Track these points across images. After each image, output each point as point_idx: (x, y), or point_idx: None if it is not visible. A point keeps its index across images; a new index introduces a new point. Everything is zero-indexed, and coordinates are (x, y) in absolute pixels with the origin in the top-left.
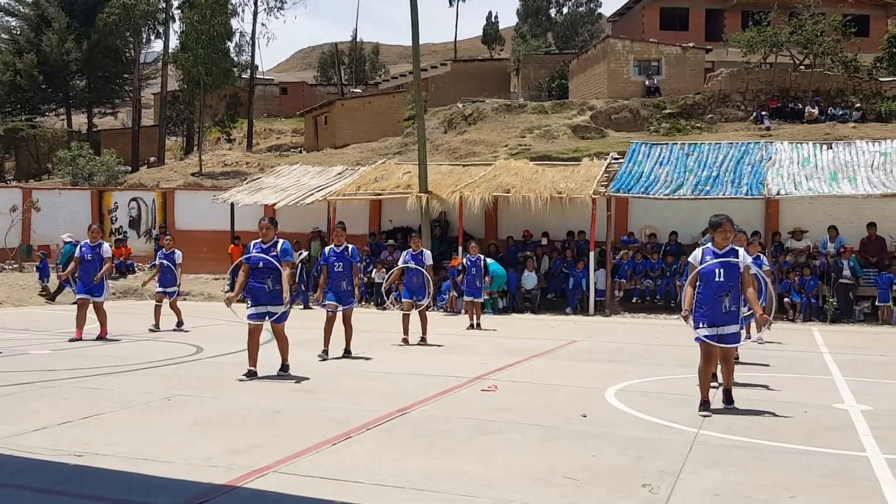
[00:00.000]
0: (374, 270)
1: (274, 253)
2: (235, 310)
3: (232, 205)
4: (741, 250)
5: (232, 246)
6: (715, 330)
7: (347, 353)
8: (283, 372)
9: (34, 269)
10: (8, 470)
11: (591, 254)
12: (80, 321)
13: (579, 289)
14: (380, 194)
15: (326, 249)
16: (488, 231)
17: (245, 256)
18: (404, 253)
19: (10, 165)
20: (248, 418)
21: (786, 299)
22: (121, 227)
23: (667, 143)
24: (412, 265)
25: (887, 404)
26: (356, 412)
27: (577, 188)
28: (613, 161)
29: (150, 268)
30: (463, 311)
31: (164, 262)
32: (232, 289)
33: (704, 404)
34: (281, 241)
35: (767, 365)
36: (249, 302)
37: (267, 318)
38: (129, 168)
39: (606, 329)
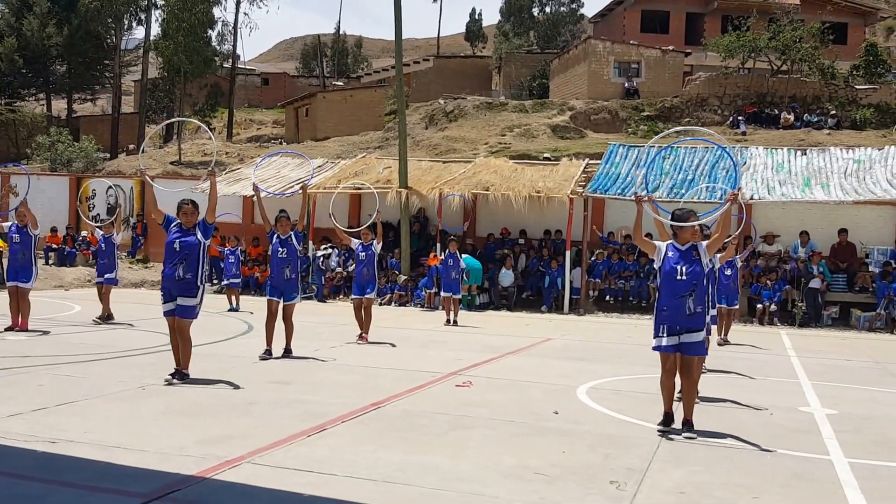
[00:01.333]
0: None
1: (292, 243)
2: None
3: None
4: (703, 244)
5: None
6: (676, 339)
7: (287, 353)
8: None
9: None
10: None
11: (568, 253)
12: (13, 309)
13: (555, 287)
14: (360, 188)
15: (273, 236)
16: (467, 228)
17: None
18: (357, 243)
19: None
20: (223, 409)
21: (758, 304)
22: (98, 214)
23: (643, 146)
24: (363, 256)
25: (851, 408)
26: (331, 405)
27: (556, 188)
28: (591, 162)
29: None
30: (440, 306)
31: (103, 245)
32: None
33: (666, 418)
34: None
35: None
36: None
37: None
38: (108, 155)
39: (580, 328)
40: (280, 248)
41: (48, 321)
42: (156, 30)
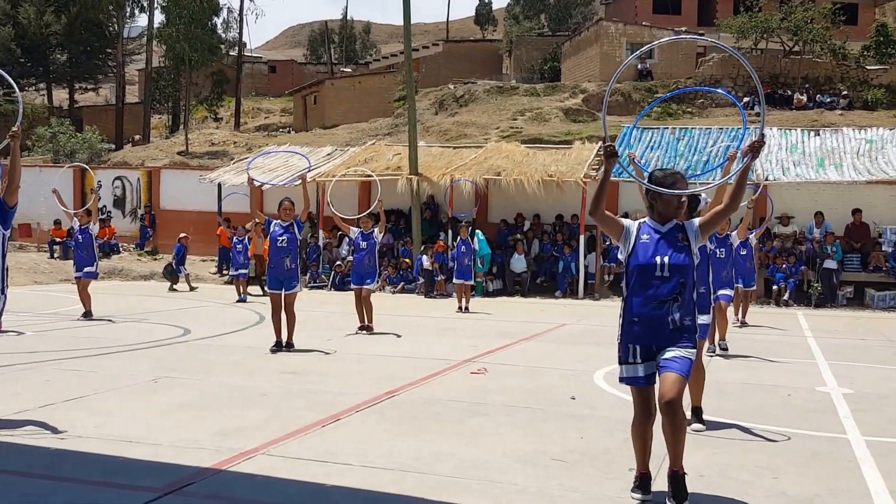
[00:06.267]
0: (425, 257)
1: (292, 231)
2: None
3: (219, 185)
4: (693, 223)
5: (221, 228)
6: (653, 364)
7: (289, 346)
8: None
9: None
10: None
11: (582, 237)
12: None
13: (569, 272)
14: (369, 176)
15: (272, 225)
16: (478, 214)
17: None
18: (356, 231)
19: None
20: (236, 400)
21: (774, 286)
22: (104, 206)
23: (658, 128)
24: (363, 245)
25: (867, 387)
26: (345, 394)
27: (568, 171)
28: (603, 145)
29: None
30: (453, 294)
31: (80, 237)
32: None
33: (640, 481)
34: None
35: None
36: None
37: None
38: (113, 146)
39: (596, 312)
40: (280, 237)
41: (53, 316)
42: (159, 17)
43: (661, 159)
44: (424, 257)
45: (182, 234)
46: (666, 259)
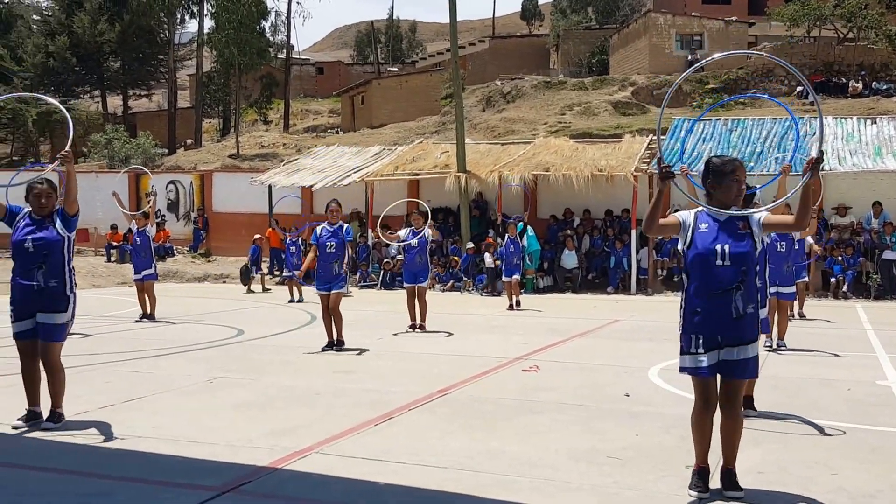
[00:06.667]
0: (487, 254)
1: (341, 235)
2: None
3: (270, 187)
4: (756, 212)
5: (269, 229)
6: (716, 355)
7: (339, 344)
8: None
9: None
10: (51, 454)
11: (633, 232)
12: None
13: (621, 268)
14: (417, 174)
15: (319, 228)
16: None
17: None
18: (407, 230)
19: (45, 149)
20: (289, 400)
21: (832, 278)
22: (159, 210)
23: (710, 119)
24: (414, 242)
25: None
26: (396, 393)
27: (619, 166)
28: (655, 138)
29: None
30: (503, 292)
31: (138, 240)
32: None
33: (699, 475)
34: (346, 225)
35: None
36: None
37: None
38: (166, 151)
39: (649, 308)
40: (328, 241)
41: (111, 318)
42: (209, 23)
43: (714, 151)
44: (487, 255)
45: (257, 236)
46: (726, 247)
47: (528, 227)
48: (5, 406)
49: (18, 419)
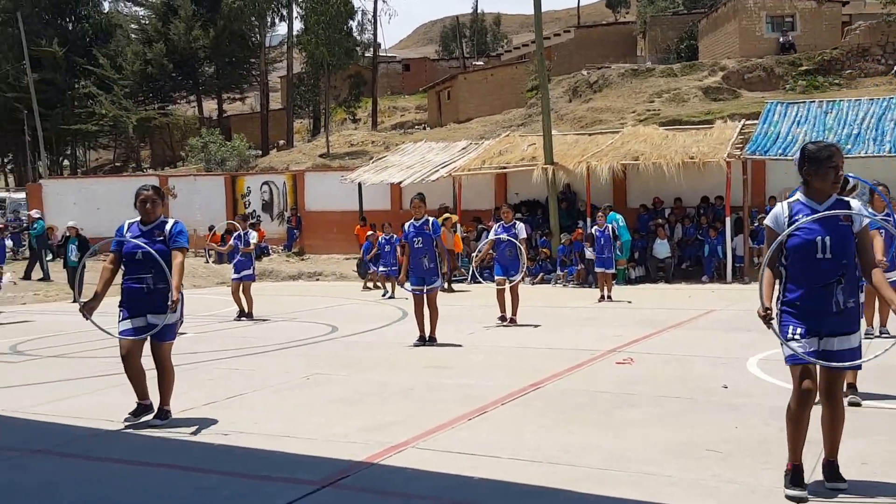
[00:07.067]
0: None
1: (427, 230)
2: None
3: (360, 184)
4: (854, 202)
5: (358, 227)
6: (817, 342)
7: (432, 341)
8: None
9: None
10: (159, 450)
11: (728, 219)
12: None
13: (715, 256)
14: (505, 167)
15: (406, 225)
16: (617, 201)
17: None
18: (496, 225)
19: (145, 154)
20: (383, 396)
21: None
22: (254, 211)
23: (804, 102)
24: (504, 237)
25: None
26: (489, 387)
27: (711, 152)
28: (747, 123)
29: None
30: (594, 283)
31: (237, 242)
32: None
33: (793, 474)
34: (431, 218)
35: None
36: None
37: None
38: (260, 152)
39: (746, 297)
40: (416, 238)
41: (211, 317)
42: (298, 25)
43: (809, 134)
44: (586, 247)
45: (369, 232)
46: (827, 239)
47: (619, 216)
48: (116, 403)
49: (129, 413)
